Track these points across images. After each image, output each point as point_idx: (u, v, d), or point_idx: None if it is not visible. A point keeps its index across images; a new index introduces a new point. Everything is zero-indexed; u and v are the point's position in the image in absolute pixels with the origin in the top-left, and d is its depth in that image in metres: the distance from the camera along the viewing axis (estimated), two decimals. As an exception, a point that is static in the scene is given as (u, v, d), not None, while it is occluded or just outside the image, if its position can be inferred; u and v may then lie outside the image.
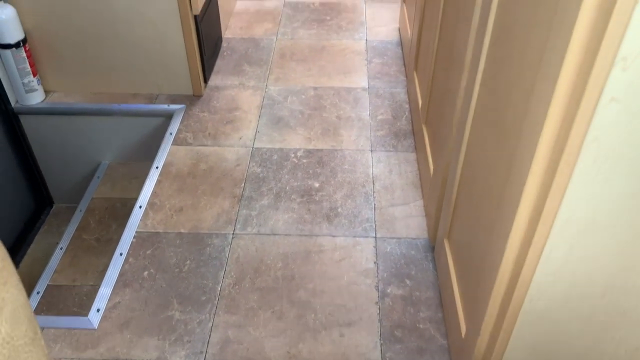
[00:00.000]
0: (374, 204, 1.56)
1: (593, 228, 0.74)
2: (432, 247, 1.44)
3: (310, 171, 1.66)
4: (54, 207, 2.12)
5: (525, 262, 0.79)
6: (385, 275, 1.37)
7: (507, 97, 0.86)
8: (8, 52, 1.74)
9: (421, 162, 1.63)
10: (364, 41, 2.28)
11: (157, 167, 1.67)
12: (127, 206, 1.84)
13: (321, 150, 1.73)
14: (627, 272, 0.78)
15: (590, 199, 0.71)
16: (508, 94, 0.85)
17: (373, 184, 1.62)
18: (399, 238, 1.47)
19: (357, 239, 1.46)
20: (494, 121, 0.93)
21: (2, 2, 1.68)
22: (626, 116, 0.63)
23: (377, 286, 1.35)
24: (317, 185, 1.62)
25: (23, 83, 1.83)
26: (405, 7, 2.20)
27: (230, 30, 2.35)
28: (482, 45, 0.97)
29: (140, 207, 1.54)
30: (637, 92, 0.61)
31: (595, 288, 0.80)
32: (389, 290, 1.34)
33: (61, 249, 1.74)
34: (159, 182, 1.63)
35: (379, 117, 1.87)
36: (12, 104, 1.87)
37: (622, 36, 0.57)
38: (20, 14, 1.75)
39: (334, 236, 1.47)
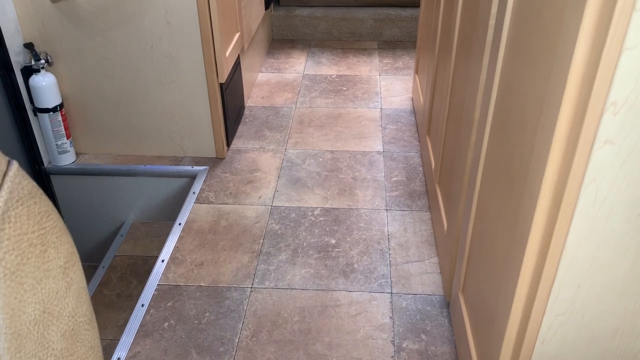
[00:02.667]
0: (390, 261, 1.59)
1: (598, 268, 0.77)
2: (448, 303, 1.45)
3: (327, 228, 1.71)
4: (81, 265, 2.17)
5: (534, 305, 0.82)
6: (401, 330, 1.38)
7: (512, 149, 0.92)
8: (46, 115, 1.87)
9: (435, 220, 1.67)
10: (379, 109, 2.39)
11: (179, 224, 1.73)
12: (149, 263, 1.89)
13: (337, 209, 1.79)
14: (634, 313, 0.80)
15: (592, 239, 0.75)
16: (513, 146, 0.91)
17: (388, 241, 1.66)
18: (415, 294, 1.49)
19: (373, 294, 1.49)
20: (501, 173, 0.98)
21: (43, 71, 1.82)
22: (621, 158, 0.68)
23: (393, 341, 1.35)
24: (333, 242, 1.66)
25: (57, 145, 1.94)
26: (417, 78, 2.32)
27: (253, 99, 2.49)
28: (489, 103, 1.05)
29: (162, 261, 1.59)
30: (629, 134, 0.67)
31: (605, 329, 0.82)
32: (404, 345, 1.34)
33: (83, 304, 1.78)
34: (181, 237, 1.68)
35: (394, 179, 1.94)
36: (45, 164, 1.98)
37: (610, 83, 0.64)
38: (59, 80, 1.90)
39: (350, 291, 1.49)
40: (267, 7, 2.80)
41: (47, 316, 0.37)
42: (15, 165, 0.36)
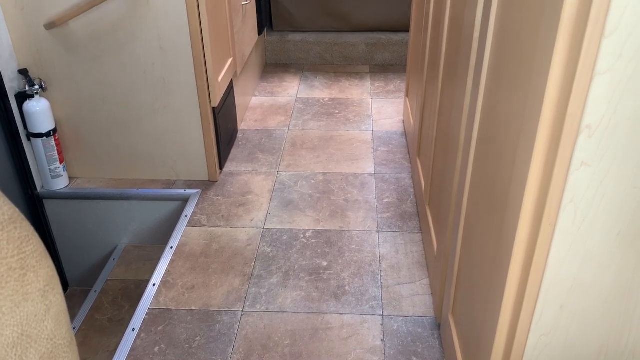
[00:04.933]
0: (381, 283, 1.59)
1: (580, 288, 0.78)
2: (439, 324, 1.45)
3: (319, 251, 1.71)
4: (68, 290, 2.16)
5: (518, 325, 0.83)
6: (392, 352, 1.38)
7: (495, 171, 0.93)
8: (39, 140, 1.88)
9: (426, 242, 1.68)
10: (371, 132, 2.41)
11: (171, 247, 1.73)
12: (141, 287, 1.89)
13: (329, 231, 1.80)
14: (617, 332, 0.81)
15: (573, 259, 0.76)
16: (496, 168, 0.93)
17: (380, 263, 1.67)
18: (406, 316, 1.49)
19: (364, 316, 1.49)
20: (485, 195, 1.00)
21: (37, 96, 1.84)
22: (597, 178, 0.70)
23: (384, 363, 1.35)
24: (325, 264, 1.66)
25: (50, 169, 1.95)
26: (408, 101, 2.35)
27: (246, 122, 2.51)
28: (473, 127, 1.07)
29: (154, 285, 1.59)
30: (604, 155, 0.68)
31: (590, 349, 0.83)
32: (395, 368, 1.34)
33: (74, 329, 1.77)
34: (172, 261, 1.68)
35: (385, 200, 1.95)
36: (38, 189, 1.99)
37: (583, 107, 0.65)
38: (53, 105, 1.92)
39: (341, 314, 1.49)
40: (260, 32, 2.85)
41: (25, 339, 0.38)
42: (-4, 191, 0.37)
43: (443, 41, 1.42)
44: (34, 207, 1.98)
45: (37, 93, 1.84)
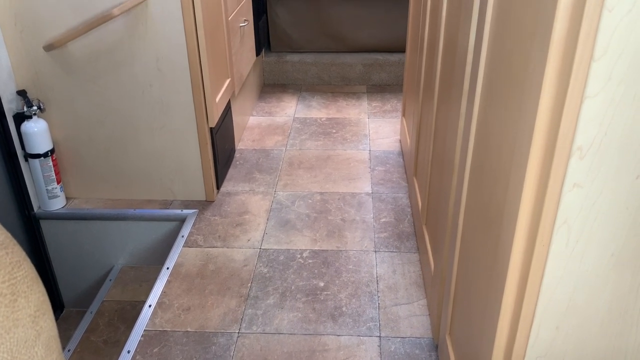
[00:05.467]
0: (378, 304, 1.59)
1: (575, 309, 0.78)
2: (436, 345, 1.44)
3: (316, 271, 1.71)
4: (64, 311, 2.15)
5: (514, 347, 0.82)
6: (389, 374, 1.37)
7: (489, 192, 0.94)
8: (36, 161, 1.89)
9: (423, 262, 1.68)
10: (368, 151, 2.42)
11: (167, 268, 1.73)
12: (137, 308, 1.88)
13: (326, 251, 1.79)
14: (614, 353, 0.80)
15: (568, 280, 0.76)
16: (490, 189, 0.93)
17: (377, 283, 1.66)
18: (403, 337, 1.48)
19: (361, 338, 1.48)
20: (480, 216, 1.00)
21: (35, 117, 1.85)
22: (590, 200, 0.70)
23: (381, 385, 1.34)
24: (322, 284, 1.65)
25: (47, 190, 1.95)
26: (404, 121, 2.36)
27: (243, 142, 2.52)
28: (468, 148, 1.07)
29: (149, 306, 1.58)
30: (596, 177, 0.69)
31: (586, 372, 0.82)
32: (393, 390, 1.33)
33: (69, 351, 1.75)
34: (168, 282, 1.68)
35: (383, 220, 1.95)
36: (35, 209, 1.98)
37: (574, 129, 0.66)
38: (51, 125, 1.92)
39: (338, 335, 1.48)
40: (258, 53, 2.87)
41: (15, 365, 0.38)
42: (-12, 216, 0.37)
43: (438, 63, 1.44)
44: (31, 227, 1.98)
45: (35, 114, 1.85)
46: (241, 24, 2.42)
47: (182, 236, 1.87)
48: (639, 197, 0.70)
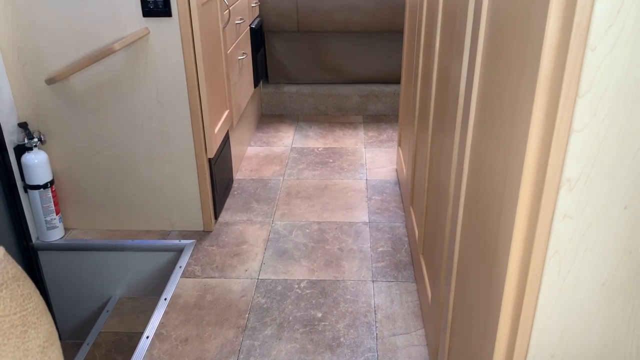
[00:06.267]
0: (376, 334, 1.59)
1: (569, 337, 0.79)
2: (434, 376, 1.44)
3: (313, 301, 1.71)
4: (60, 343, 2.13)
5: (512, 375, 0.83)
6: (387, 405, 1.36)
7: (483, 222, 0.96)
8: (36, 192, 1.90)
9: (421, 291, 1.68)
10: (364, 180, 2.45)
11: (165, 299, 1.73)
12: (134, 340, 1.87)
13: (324, 281, 1.80)
14: (608, 383, 0.81)
15: (561, 310, 0.77)
16: (484, 219, 0.95)
17: (375, 313, 1.66)
18: (401, 367, 1.47)
19: (359, 368, 1.47)
20: (475, 246, 1.02)
21: (36, 149, 1.88)
22: (580, 230, 0.72)
23: (380, 417, 1.33)
24: (319, 315, 1.66)
25: (46, 220, 1.96)
26: (400, 151, 2.40)
27: (241, 172, 2.54)
28: (462, 178, 1.10)
29: (147, 337, 1.58)
30: (585, 208, 0.71)
31: (582, 401, 0.83)
32: (391, 421, 1.32)
33: (64, 383, 1.74)
34: (166, 313, 1.68)
35: (380, 249, 1.96)
36: (33, 240, 1.99)
37: (563, 162, 0.69)
38: (51, 157, 1.95)
39: (336, 366, 1.48)
40: (256, 84, 2.92)
41: (23, 396, 0.39)
42: (2, 251, 0.39)
43: (432, 94, 1.47)
44: (29, 258, 1.98)
45: (35, 146, 1.87)
46: (240, 57, 2.47)
47: (180, 267, 1.87)
48: (628, 228, 0.72)
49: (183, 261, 1.90)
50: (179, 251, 1.98)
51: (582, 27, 0.62)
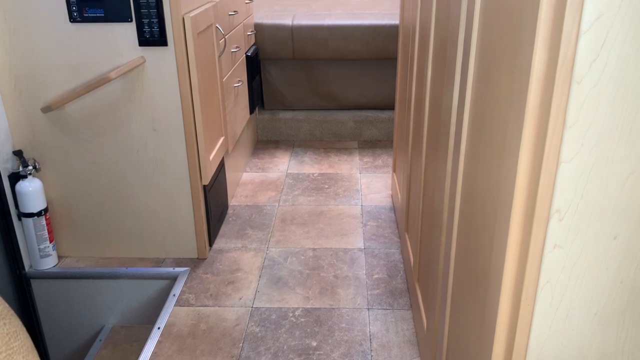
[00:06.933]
0: (371, 362, 1.57)
1: (563, 369, 0.78)
2: (430, 406, 1.42)
3: (308, 330, 1.69)
4: (50, 376, 2.10)
5: (507, 407, 0.82)
6: None
7: (476, 251, 0.96)
8: (30, 220, 1.90)
9: (416, 319, 1.67)
10: (360, 206, 2.45)
11: (158, 328, 1.71)
12: (126, 369, 1.84)
13: (319, 309, 1.79)
14: (604, 414, 0.80)
15: (554, 340, 0.77)
16: (477, 248, 0.95)
17: (370, 342, 1.65)
18: (397, 397, 1.46)
19: (354, 398, 1.45)
20: (469, 274, 1.01)
21: (30, 176, 1.88)
22: (571, 260, 0.72)
23: None
24: (314, 344, 1.64)
25: (39, 249, 1.95)
26: (395, 176, 2.40)
27: (237, 198, 2.54)
28: (455, 206, 1.10)
29: (139, 367, 1.56)
30: (575, 238, 0.71)
31: None
32: None
33: (55, 415, 1.71)
34: (159, 342, 1.66)
35: (375, 276, 1.95)
36: (26, 268, 1.98)
37: (552, 192, 0.69)
38: (45, 184, 1.95)
39: (331, 396, 1.46)
40: (252, 111, 2.94)
41: None
42: (-13, 288, 0.39)
43: (425, 121, 1.49)
44: (21, 287, 1.96)
45: (30, 173, 1.87)
46: (235, 84, 2.49)
47: (174, 295, 1.86)
48: (619, 257, 0.72)
49: (177, 289, 1.89)
50: (173, 279, 1.96)
51: (567, 61, 0.63)
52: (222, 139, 2.25)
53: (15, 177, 1.87)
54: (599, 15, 0.61)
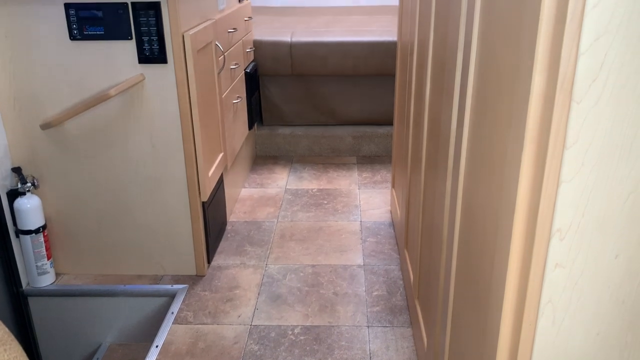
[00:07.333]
0: (371, 381, 1.55)
1: (566, 389, 0.78)
2: None
3: (308, 348, 1.68)
4: (48, 395, 2.08)
5: None
6: None
7: (477, 269, 0.95)
8: (28, 237, 1.89)
9: (417, 337, 1.66)
10: (359, 222, 2.44)
11: (157, 346, 1.70)
12: (123, 388, 1.82)
13: (318, 326, 1.77)
14: None
15: (555, 359, 0.76)
16: (477, 266, 0.95)
17: (370, 360, 1.63)
18: (398, 416, 1.44)
19: (354, 418, 1.44)
20: (470, 292, 1.01)
21: (29, 193, 1.87)
22: (573, 280, 0.72)
23: None
24: (314, 362, 1.63)
25: (37, 266, 1.94)
26: (394, 192, 2.40)
27: (235, 214, 2.54)
28: (455, 223, 1.10)
29: (137, 387, 1.54)
30: (576, 258, 0.71)
31: None
32: None
33: None
34: (157, 361, 1.64)
35: (375, 293, 1.94)
36: (23, 285, 1.96)
37: (552, 212, 0.69)
38: (44, 201, 1.94)
39: (331, 415, 1.44)
40: (251, 127, 2.95)
41: None
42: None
43: (423, 137, 1.49)
44: (18, 305, 1.95)
45: (29, 190, 1.87)
46: (234, 101, 2.50)
47: (172, 312, 1.85)
48: (620, 277, 0.72)
49: (175, 307, 1.88)
50: (171, 296, 1.95)
51: (566, 81, 0.63)
52: (221, 155, 2.25)
53: (13, 194, 1.87)
54: (597, 37, 0.61)
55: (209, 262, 2.10)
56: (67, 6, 1.74)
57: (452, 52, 1.11)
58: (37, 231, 1.90)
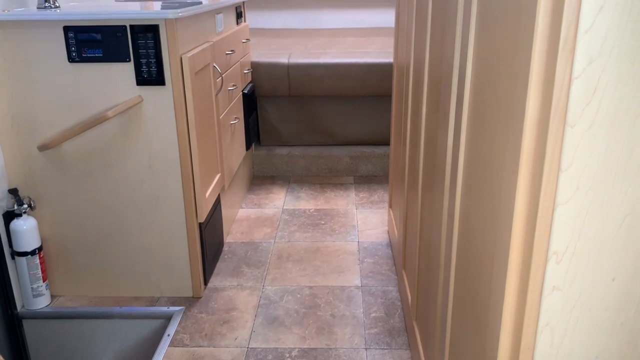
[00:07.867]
0: (369, 404, 1.54)
1: (566, 414, 0.77)
2: None
3: (305, 370, 1.66)
4: (41, 417, 2.05)
5: None
6: None
7: (474, 292, 0.95)
8: (23, 259, 1.88)
9: (415, 359, 1.64)
10: (356, 242, 2.44)
11: (152, 369, 1.68)
12: (118, 413, 1.80)
13: (316, 349, 1.76)
14: None
15: (556, 384, 0.75)
16: (474, 289, 0.94)
17: (368, 382, 1.62)
18: None
19: None
20: (467, 314, 1.00)
21: (25, 215, 1.86)
22: (570, 302, 0.72)
23: None
24: (311, 385, 1.61)
25: (32, 288, 1.93)
26: (391, 212, 2.40)
27: (232, 235, 2.53)
28: (452, 244, 1.10)
29: (131, 411, 1.52)
30: (573, 280, 0.71)
31: None
32: None
33: None
34: (153, 384, 1.62)
35: (373, 315, 1.93)
36: (18, 308, 1.94)
37: (549, 235, 0.69)
38: (40, 222, 1.93)
39: None
40: (248, 147, 2.96)
41: None
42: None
43: (420, 159, 1.49)
44: (13, 327, 1.93)
45: (25, 212, 1.86)
46: (232, 122, 2.51)
47: (168, 335, 1.83)
48: (618, 299, 0.72)
49: (171, 329, 1.86)
50: (168, 318, 1.93)
51: (560, 106, 0.64)
52: (218, 175, 2.25)
53: (9, 216, 1.86)
54: (590, 61, 0.62)
55: (205, 283, 2.09)
56: (66, 29, 1.75)
57: (447, 74, 1.12)
58: (33, 253, 1.89)
